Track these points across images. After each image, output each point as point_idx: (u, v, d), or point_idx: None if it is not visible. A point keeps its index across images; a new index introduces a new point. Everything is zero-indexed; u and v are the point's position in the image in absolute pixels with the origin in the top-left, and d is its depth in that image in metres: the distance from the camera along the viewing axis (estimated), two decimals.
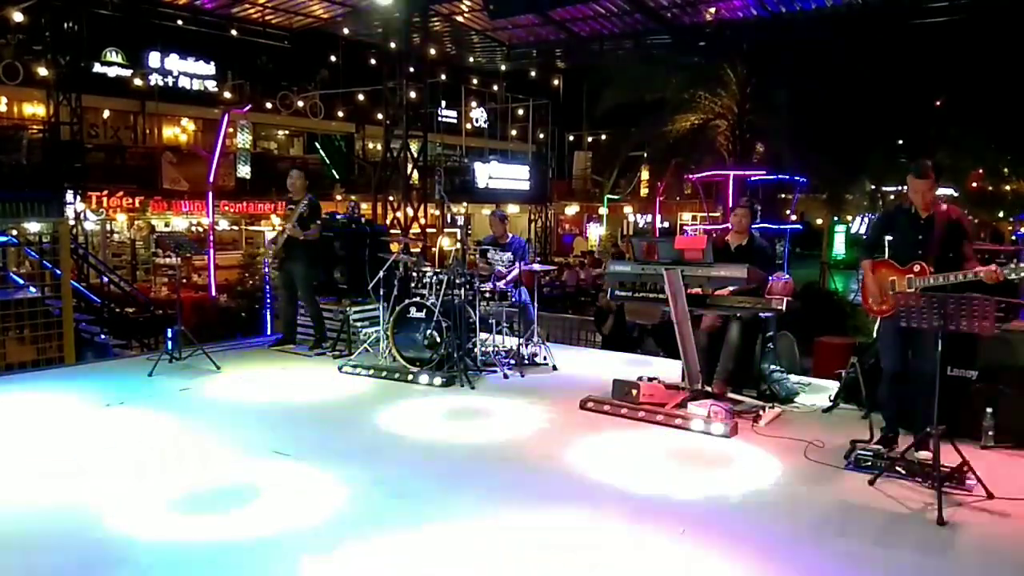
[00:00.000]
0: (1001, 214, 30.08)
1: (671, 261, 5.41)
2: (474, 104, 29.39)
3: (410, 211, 15.49)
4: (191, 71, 21.84)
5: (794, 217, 18.43)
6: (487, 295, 6.92)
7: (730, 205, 12.19)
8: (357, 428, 5.27)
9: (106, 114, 21.17)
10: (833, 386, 6.11)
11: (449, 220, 20.81)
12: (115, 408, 5.61)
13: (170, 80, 21.40)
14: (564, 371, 7.03)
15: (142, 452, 4.66)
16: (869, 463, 4.38)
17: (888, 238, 4.79)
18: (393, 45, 15.74)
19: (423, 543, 3.48)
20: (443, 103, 27.58)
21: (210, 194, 17.45)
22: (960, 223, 4.52)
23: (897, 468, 4.27)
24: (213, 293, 16.31)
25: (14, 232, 13.95)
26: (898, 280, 4.53)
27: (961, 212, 4.66)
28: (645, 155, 24.67)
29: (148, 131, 21.93)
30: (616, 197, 30.39)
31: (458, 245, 7.20)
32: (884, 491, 4.13)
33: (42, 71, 16.68)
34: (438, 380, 6.32)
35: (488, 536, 3.57)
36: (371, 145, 25.69)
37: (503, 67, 23.61)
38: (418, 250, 10.61)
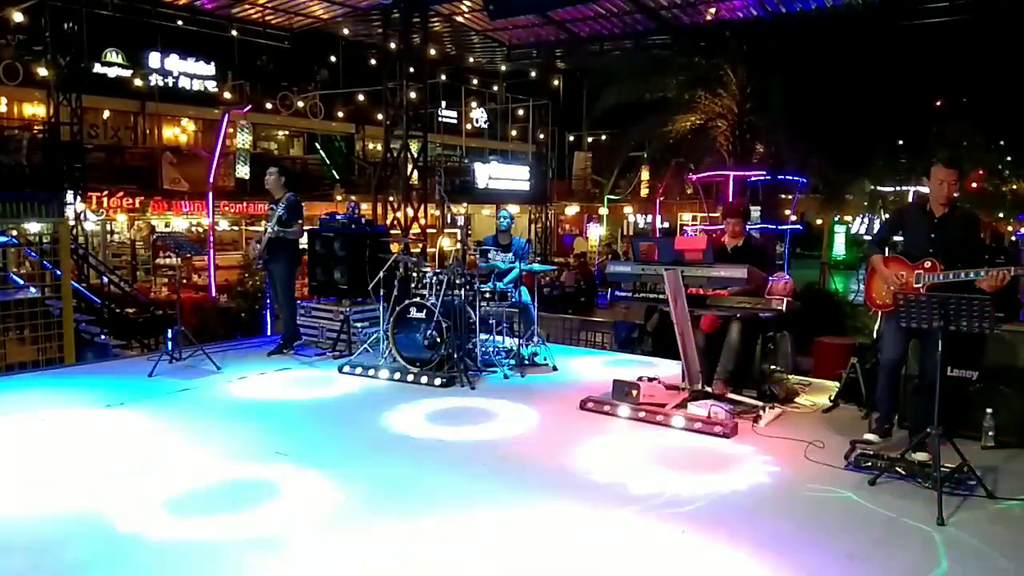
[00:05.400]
0: (1001, 214, 30.04)
1: (671, 261, 5.41)
2: (474, 104, 29.39)
3: (410, 211, 15.47)
4: (191, 71, 21.83)
5: (794, 217, 18.39)
6: (487, 295, 6.93)
7: (728, 202, 12.15)
8: (357, 428, 5.27)
9: (106, 114, 21.15)
10: (833, 386, 6.12)
11: (449, 220, 20.81)
12: (115, 408, 5.61)
13: (170, 80, 21.39)
14: (564, 371, 7.04)
15: (142, 452, 4.66)
16: (869, 463, 4.38)
17: (899, 236, 4.80)
18: (393, 45, 15.73)
19: (423, 543, 3.48)
20: (443, 103, 27.58)
21: (210, 194, 17.47)
22: (973, 224, 4.51)
23: (897, 468, 4.27)
24: (213, 293, 16.33)
25: (14, 232, 13.93)
26: (907, 275, 4.52)
27: (975, 214, 4.66)
28: (645, 155, 24.64)
29: (148, 131, 21.91)
30: (616, 197, 30.37)
31: (458, 245, 7.20)
32: (884, 491, 4.13)
33: (42, 71, 16.65)
34: (438, 380, 6.32)
35: (488, 536, 3.57)
36: (371, 145, 25.67)
37: (503, 67, 23.56)
38: (418, 250, 10.62)
